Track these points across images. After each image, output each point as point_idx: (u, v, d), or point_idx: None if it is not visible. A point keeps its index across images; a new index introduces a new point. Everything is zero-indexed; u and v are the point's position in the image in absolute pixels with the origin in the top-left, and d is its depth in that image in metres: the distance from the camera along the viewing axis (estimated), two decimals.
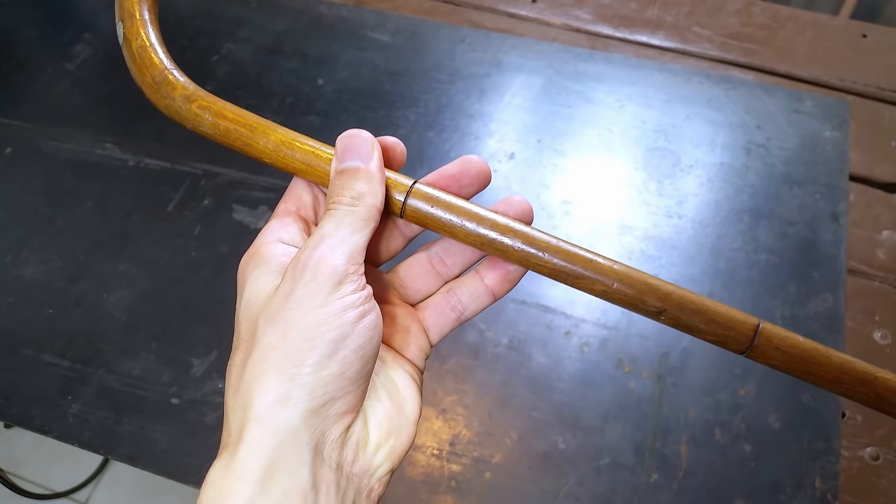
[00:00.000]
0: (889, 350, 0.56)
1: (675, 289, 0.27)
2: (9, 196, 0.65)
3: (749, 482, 0.51)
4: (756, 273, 0.59)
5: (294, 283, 0.25)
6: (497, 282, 0.30)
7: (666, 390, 0.54)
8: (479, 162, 0.29)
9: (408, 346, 0.30)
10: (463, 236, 0.28)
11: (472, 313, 0.31)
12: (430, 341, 0.31)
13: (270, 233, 0.29)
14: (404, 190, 0.28)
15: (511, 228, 0.27)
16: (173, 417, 0.53)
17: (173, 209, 0.63)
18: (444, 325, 0.31)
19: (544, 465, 0.52)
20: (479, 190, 0.30)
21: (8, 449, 1.19)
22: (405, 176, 0.29)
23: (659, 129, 0.68)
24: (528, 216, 0.29)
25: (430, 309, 0.31)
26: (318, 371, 0.24)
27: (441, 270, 0.31)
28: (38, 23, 0.78)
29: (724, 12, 0.77)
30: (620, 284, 0.27)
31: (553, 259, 0.27)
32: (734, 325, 0.26)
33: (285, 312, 0.24)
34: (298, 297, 0.24)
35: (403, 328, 0.30)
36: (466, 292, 0.31)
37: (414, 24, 0.76)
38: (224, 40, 0.75)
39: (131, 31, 0.31)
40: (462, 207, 0.28)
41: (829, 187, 0.64)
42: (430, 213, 0.28)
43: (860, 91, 0.71)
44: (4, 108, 0.71)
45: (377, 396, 0.27)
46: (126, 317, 0.58)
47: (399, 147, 0.30)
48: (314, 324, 0.24)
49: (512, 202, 0.29)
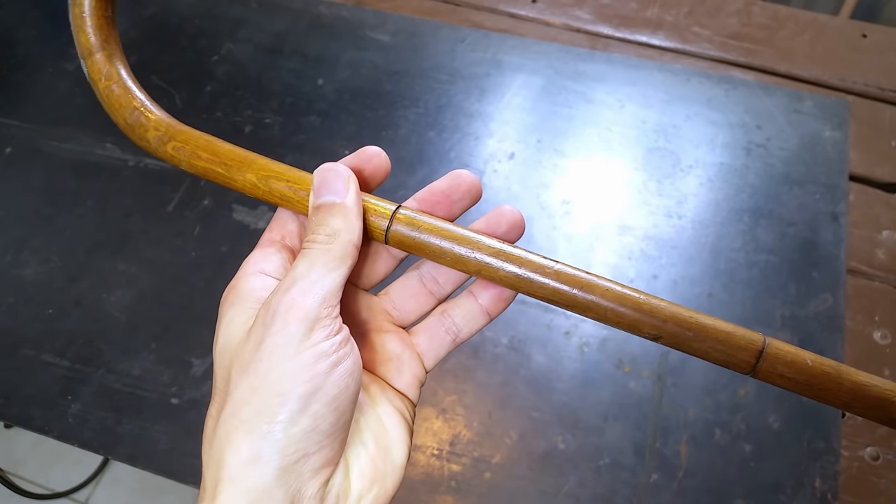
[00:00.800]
0: (889, 350, 0.56)
1: (672, 313, 0.26)
2: (9, 196, 0.65)
3: (749, 482, 0.51)
4: (756, 273, 0.59)
5: (264, 330, 0.24)
6: (491, 302, 0.29)
7: (666, 390, 0.54)
8: (469, 176, 0.28)
9: (400, 374, 0.29)
10: (451, 262, 0.27)
11: (467, 335, 0.30)
12: (424, 367, 0.30)
13: (252, 264, 0.28)
14: (387, 215, 0.27)
15: (501, 251, 0.26)
16: (173, 417, 0.53)
17: (173, 209, 0.63)
18: (440, 349, 0.30)
19: (544, 465, 0.52)
20: (470, 205, 0.29)
21: (8, 449, 1.19)
22: (388, 201, 0.28)
23: (659, 129, 0.68)
24: (520, 228, 0.28)
25: (423, 333, 0.30)
26: (289, 427, 0.23)
27: (433, 289, 0.30)
28: (38, 23, 0.78)
29: (724, 12, 0.77)
30: (615, 309, 0.26)
31: (547, 282, 0.26)
32: (735, 349, 0.25)
33: (256, 364, 0.23)
34: (268, 347, 0.23)
35: (395, 356, 0.29)
36: (460, 314, 0.30)
37: (414, 24, 0.76)
38: (224, 40, 0.75)
39: (94, 70, 0.29)
40: (448, 231, 0.27)
41: (829, 187, 0.64)
42: (415, 239, 0.27)
43: (860, 91, 0.71)
44: (4, 108, 0.71)
45: (361, 440, 0.26)
46: (126, 317, 0.58)
47: (379, 158, 0.29)
48: (284, 376, 0.23)
49: (503, 213, 0.28)
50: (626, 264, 0.60)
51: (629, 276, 0.59)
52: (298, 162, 0.66)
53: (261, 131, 0.68)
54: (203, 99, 0.70)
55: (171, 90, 0.71)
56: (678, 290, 0.59)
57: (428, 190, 0.29)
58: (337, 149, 0.67)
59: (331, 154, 0.66)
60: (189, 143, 0.29)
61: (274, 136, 0.67)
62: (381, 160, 0.29)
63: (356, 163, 0.29)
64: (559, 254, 0.61)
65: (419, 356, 0.30)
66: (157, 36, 0.75)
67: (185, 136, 0.29)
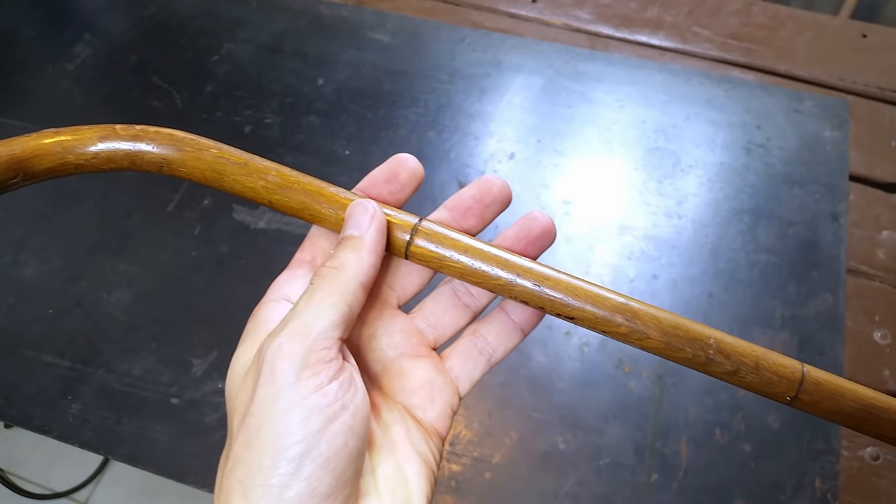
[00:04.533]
0: (889, 350, 0.56)
1: (716, 339, 0.25)
2: (9, 196, 0.65)
3: (749, 482, 0.51)
4: (756, 273, 0.59)
5: (255, 380, 0.22)
6: (525, 317, 0.28)
7: (666, 390, 0.54)
8: (497, 181, 0.27)
9: (432, 403, 0.27)
10: (476, 280, 0.25)
11: (502, 354, 0.29)
12: (459, 394, 0.28)
13: (277, 288, 0.27)
14: (408, 228, 0.26)
15: (532, 272, 0.25)
16: (173, 417, 0.53)
17: (173, 209, 0.63)
18: (474, 371, 0.29)
19: (544, 465, 0.52)
20: (501, 209, 0.28)
21: (8, 449, 1.19)
22: (412, 214, 0.26)
23: (659, 129, 0.68)
24: (551, 235, 0.27)
25: (456, 356, 0.29)
26: (282, 492, 0.21)
27: (468, 302, 0.29)
28: (38, 23, 0.78)
29: (724, 12, 0.77)
30: (659, 335, 0.25)
31: (585, 306, 0.25)
32: (774, 379, 0.25)
33: (248, 418, 0.22)
34: (259, 400, 0.22)
35: (427, 382, 0.28)
36: (493, 332, 0.28)
37: (414, 24, 0.76)
38: (224, 40, 0.75)
39: None
40: (474, 247, 0.25)
41: (829, 187, 0.64)
42: (437, 255, 0.26)
43: (860, 91, 0.71)
44: (4, 108, 0.71)
45: (376, 491, 0.24)
46: (126, 317, 0.58)
47: (412, 163, 0.27)
48: (274, 435, 0.21)
49: (534, 218, 0.27)
50: (626, 264, 0.60)
51: (629, 276, 0.59)
52: (298, 162, 0.66)
53: (261, 131, 0.68)
54: (203, 99, 0.70)
55: (171, 90, 0.71)
56: (678, 290, 0.59)
57: (457, 197, 0.28)
58: (337, 149, 0.67)
59: (331, 154, 0.66)
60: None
61: (274, 136, 0.67)
62: (414, 166, 0.27)
63: (388, 170, 0.28)
64: (559, 254, 0.61)
65: (453, 381, 0.28)
66: (157, 36, 0.75)
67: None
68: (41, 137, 0.26)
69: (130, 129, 0.27)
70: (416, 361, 0.28)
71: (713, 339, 0.25)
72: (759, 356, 0.25)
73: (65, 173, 0.27)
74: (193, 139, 0.27)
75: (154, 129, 0.27)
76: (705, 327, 0.25)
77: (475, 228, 0.28)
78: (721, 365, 0.25)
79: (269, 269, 0.58)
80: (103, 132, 0.26)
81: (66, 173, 0.27)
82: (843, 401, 0.25)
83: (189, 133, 0.27)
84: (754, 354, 0.25)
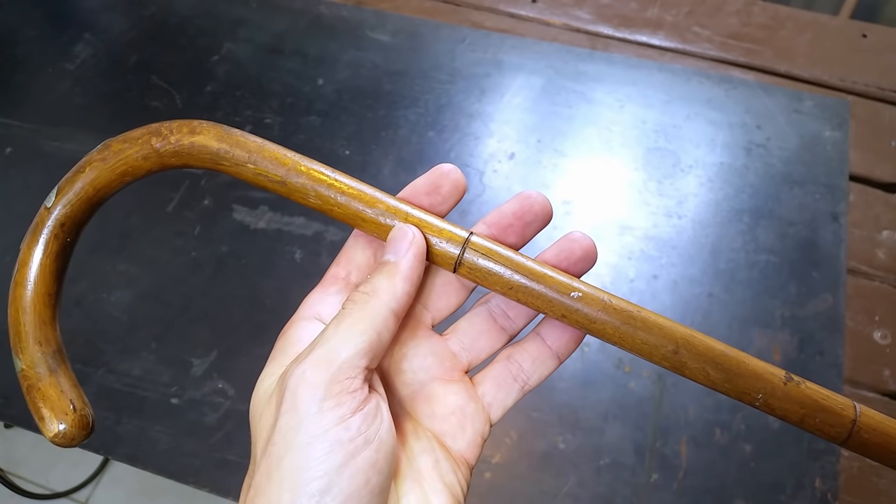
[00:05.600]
0: (889, 350, 0.56)
1: (766, 374, 0.24)
2: (9, 196, 0.65)
3: (749, 482, 0.51)
4: (756, 273, 0.59)
5: (278, 409, 0.22)
6: (562, 344, 0.27)
7: (666, 390, 0.54)
8: (539, 196, 0.26)
9: (463, 431, 0.26)
10: (527, 301, 0.25)
11: (536, 381, 0.28)
12: (490, 421, 0.27)
13: (308, 306, 0.26)
14: (460, 242, 0.25)
15: (596, 299, 0.24)
16: (173, 417, 0.53)
17: (173, 209, 0.63)
18: (507, 399, 0.27)
19: (544, 465, 0.52)
20: (542, 227, 0.27)
21: (8, 449, 1.19)
22: (460, 226, 0.26)
23: (659, 129, 0.68)
24: (592, 257, 0.26)
25: (489, 382, 0.28)
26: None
27: (505, 325, 0.28)
28: (38, 23, 0.78)
29: (724, 12, 0.77)
30: (712, 373, 0.24)
31: (640, 334, 0.24)
32: (828, 416, 0.24)
33: (270, 447, 0.21)
34: (281, 429, 0.21)
35: (458, 409, 0.26)
36: (529, 358, 0.27)
37: (414, 24, 0.76)
38: (224, 40, 0.75)
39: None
40: (526, 266, 0.25)
41: (829, 187, 0.64)
42: (488, 271, 0.25)
43: (860, 91, 0.71)
44: (4, 108, 0.71)
45: None
46: (126, 317, 0.58)
47: (455, 174, 0.26)
48: (295, 468, 0.20)
49: (575, 239, 0.26)
50: (626, 264, 0.60)
51: (629, 276, 0.59)
52: None
53: (261, 131, 0.68)
54: (203, 99, 0.70)
55: (171, 90, 0.71)
56: (678, 290, 0.59)
57: (497, 213, 0.27)
58: (337, 149, 0.67)
59: (331, 154, 0.66)
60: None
61: (274, 137, 0.67)
62: (457, 177, 0.26)
63: (430, 182, 0.27)
64: None
65: (485, 408, 0.27)
66: (157, 36, 0.75)
67: None
68: (102, 171, 0.26)
69: (175, 143, 0.26)
70: (448, 386, 0.27)
71: (761, 394, 0.25)
72: (804, 414, 0.25)
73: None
74: (229, 153, 0.26)
75: (199, 145, 0.26)
76: (759, 369, 0.25)
77: (515, 246, 0.27)
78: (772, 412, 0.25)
79: (269, 269, 0.59)
80: (146, 153, 0.26)
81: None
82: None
83: (231, 135, 0.26)
84: (800, 412, 0.25)
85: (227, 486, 0.51)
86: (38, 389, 0.25)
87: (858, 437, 0.24)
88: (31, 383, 0.26)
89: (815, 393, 0.25)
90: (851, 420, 0.24)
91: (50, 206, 0.27)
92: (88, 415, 0.25)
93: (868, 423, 0.24)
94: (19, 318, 0.26)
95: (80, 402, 0.25)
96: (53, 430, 0.25)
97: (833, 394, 0.25)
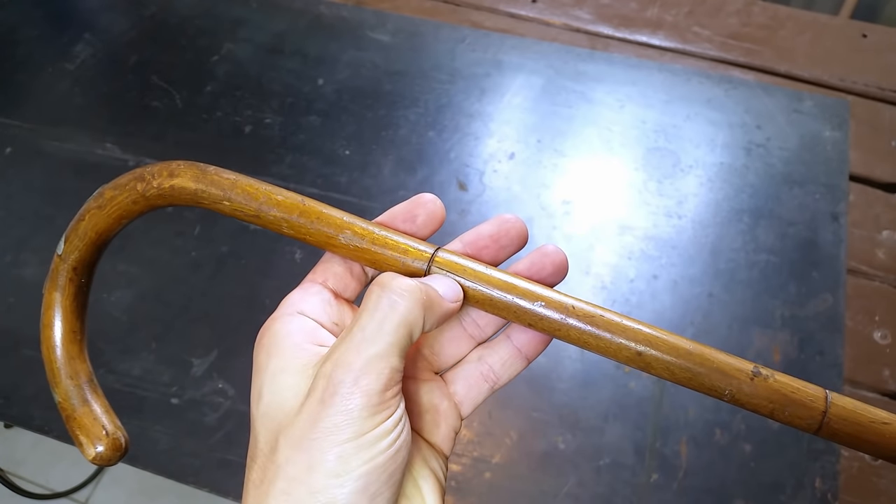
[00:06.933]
0: (889, 350, 0.56)
1: (740, 371, 0.25)
2: (9, 196, 0.65)
3: (749, 482, 0.51)
4: (756, 273, 0.59)
5: (322, 408, 0.23)
6: (531, 346, 0.28)
7: (666, 390, 0.54)
8: (517, 222, 0.27)
9: (437, 427, 0.28)
10: (495, 311, 0.26)
11: (505, 381, 0.29)
12: (461, 416, 0.29)
13: (290, 304, 0.27)
14: (426, 258, 0.26)
15: (560, 305, 0.26)
16: (173, 417, 0.53)
17: (173, 209, 0.63)
18: (478, 397, 0.29)
19: (544, 465, 0.52)
20: (516, 251, 0.28)
21: (8, 449, 1.19)
22: (428, 244, 0.27)
23: (659, 129, 0.68)
24: (563, 271, 0.27)
25: (461, 381, 0.29)
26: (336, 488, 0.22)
27: (474, 333, 0.29)
28: (38, 23, 0.78)
29: (724, 12, 0.77)
30: (679, 364, 0.25)
31: (613, 339, 0.25)
32: (798, 409, 0.25)
33: (310, 441, 0.22)
34: (327, 426, 0.22)
35: (433, 407, 0.28)
36: (498, 360, 0.29)
37: (414, 24, 0.76)
38: (224, 40, 0.75)
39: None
40: (493, 278, 0.26)
41: (829, 187, 0.64)
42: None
43: (860, 91, 0.71)
44: (4, 108, 0.71)
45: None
46: (126, 317, 0.58)
47: (434, 205, 0.28)
48: (343, 457, 0.22)
49: (547, 253, 0.27)
50: (626, 264, 0.60)
51: (629, 276, 0.59)
52: (298, 162, 0.66)
53: (261, 131, 0.68)
54: (203, 99, 0.70)
55: (171, 90, 0.71)
56: (678, 290, 0.59)
57: (475, 233, 0.28)
58: (337, 149, 0.67)
59: (331, 154, 0.66)
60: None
61: (274, 136, 0.67)
62: (435, 207, 0.28)
63: (406, 210, 0.28)
64: None
65: (456, 406, 0.29)
66: (157, 36, 0.75)
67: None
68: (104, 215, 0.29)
69: (158, 187, 0.28)
70: (422, 385, 0.28)
71: (728, 390, 0.25)
72: (773, 408, 0.25)
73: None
74: (206, 192, 0.28)
75: (178, 187, 0.28)
76: (724, 366, 0.25)
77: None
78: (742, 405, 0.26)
79: (268, 269, 0.59)
80: (134, 198, 0.28)
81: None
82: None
83: (207, 174, 0.28)
84: (769, 406, 0.25)
85: (227, 486, 0.51)
86: (75, 419, 0.28)
87: (829, 427, 0.25)
88: (68, 414, 0.28)
89: (783, 386, 0.25)
90: (821, 412, 0.25)
91: (61, 254, 0.29)
92: (120, 437, 0.28)
93: (839, 413, 0.25)
94: (51, 356, 0.28)
95: (113, 427, 0.29)
96: (91, 454, 0.28)
97: (804, 385, 0.25)
